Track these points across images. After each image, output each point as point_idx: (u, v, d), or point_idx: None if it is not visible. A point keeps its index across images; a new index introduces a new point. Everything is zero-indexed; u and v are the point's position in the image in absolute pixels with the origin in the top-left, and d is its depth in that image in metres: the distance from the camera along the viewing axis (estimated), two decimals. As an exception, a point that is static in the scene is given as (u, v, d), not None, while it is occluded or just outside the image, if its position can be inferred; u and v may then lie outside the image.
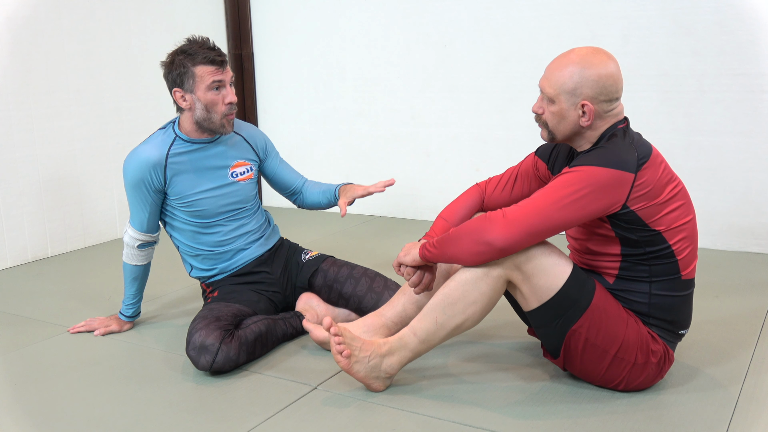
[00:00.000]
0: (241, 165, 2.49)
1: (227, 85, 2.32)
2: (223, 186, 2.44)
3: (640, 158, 1.83)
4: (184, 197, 2.39)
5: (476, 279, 1.89)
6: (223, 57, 2.32)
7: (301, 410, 1.96)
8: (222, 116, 2.32)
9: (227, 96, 2.31)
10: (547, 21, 3.64)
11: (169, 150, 2.36)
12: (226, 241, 2.47)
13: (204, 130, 2.37)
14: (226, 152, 2.46)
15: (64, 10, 3.59)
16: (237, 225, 2.48)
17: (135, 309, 2.54)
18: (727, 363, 2.16)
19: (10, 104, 3.40)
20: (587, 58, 1.86)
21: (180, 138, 2.38)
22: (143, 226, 2.42)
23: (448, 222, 2.17)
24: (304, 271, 2.55)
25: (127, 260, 2.47)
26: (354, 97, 4.29)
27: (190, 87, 2.30)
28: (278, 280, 2.53)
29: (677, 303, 1.93)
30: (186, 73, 2.28)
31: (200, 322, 2.19)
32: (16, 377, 2.23)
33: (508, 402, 1.96)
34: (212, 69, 2.28)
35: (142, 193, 2.37)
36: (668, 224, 1.86)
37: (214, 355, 2.13)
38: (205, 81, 2.28)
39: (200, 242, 2.47)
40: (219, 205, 2.43)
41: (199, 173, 2.40)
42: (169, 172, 2.36)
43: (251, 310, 2.38)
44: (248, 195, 2.51)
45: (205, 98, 2.29)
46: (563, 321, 1.88)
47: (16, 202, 3.46)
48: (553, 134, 1.95)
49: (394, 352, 1.98)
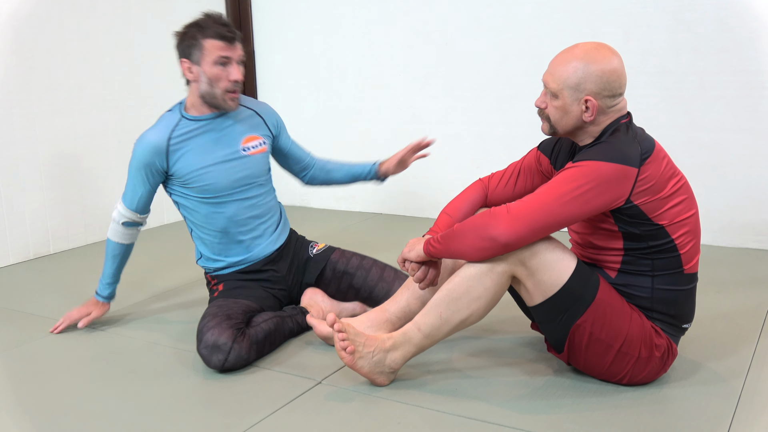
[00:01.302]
0: (253, 139, 2.46)
1: (234, 63, 2.31)
2: (233, 159, 2.40)
3: (643, 153, 1.83)
4: (191, 173, 2.36)
5: (481, 274, 1.90)
6: (233, 33, 2.30)
7: (306, 405, 1.96)
8: (224, 92, 2.31)
9: (232, 73, 2.30)
10: (547, 19, 3.65)
11: (171, 133, 2.35)
12: (239, 218, 2.43)
13: (208, 105, 2.36)
14: (236, 126, 2.43)
15: (65, 8, 3.59)
16: (249, 203, 2.45)
17: (111, 290, 2.53)
18: (730, 357, 2.17)
19: (12, 101, 3.41)
20: (591, 53, 1.87)
21: (185, 118, 2.37)
22: (133, 203, 2.41)
23: (451, 217, 2.17)
24: (313, 267, 2.55)
25: (110, 236, 2.46)
26: (354, 95, 4.29)
27: (197, 59, 2.29)
28: (284, 278, 2.53)
29: (680, 297, 1.94)
30: (195, 44, 2.28)
31: (211, 320, 2.19)
32: (20, 373, 2.23)
33: (512, 396, 1.97)
34: (221, 44, 2.27)
35: (144, 176, 2.37)
36: (671, 218, 1.87)
37: (226, 354, 2.13)
38: (212, 55, 2.27)
39: (212, 224, 2.43)
40: (229, 178, 2.39)
41: (206, 148, 2.37)
42: (171, 153, 2.35)
43: (258, 306, 2.38)
44: (261, 169, 2.48)
45: (210, 72, 2.28)
46: (567, 316, 1.89)
47: (18, 198, 3.46)
48: (555, 128, 1.95)
49: (398, 347, 1.99)
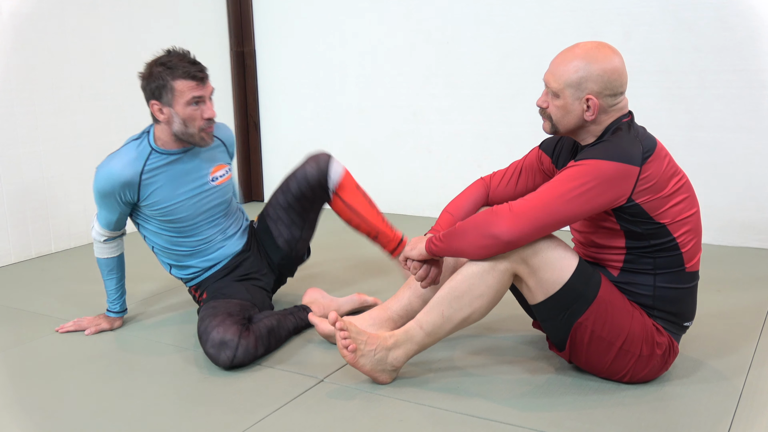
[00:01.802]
0: (219, 168, 2.46)
1: (207, 100, 2.27)
2: (203, 192, 2.41)
3: (645, 151, 1.84)
4: (161, 207, 2.35)
5: (483, 272, 1.90)
6: (203, 73, 2.26)
7: (308, 402, 1.97)
8: (200, 130, 2.28)
9: (206, 111, 2.26)
10: (548, 18, 3.65)
11: (144, 166, 2.30)
12: (204, 240, 2.46)
13: (182, 142, 2.33)
14: (204, 158, 2.42)
15: (67, 7, 3.59)
16: (215, 226, 2.47)
17: (120, 304, 2.52)
18: (731, 355, 2.17)
19: (14, 100, 3.41)
20: (592, 52, 1.87)
21: (156, 151, 2.32)
22: (110, 225, 2.39)
23: (453, 216, 2.18)
24: (264, 236, 2.57)
25: (98, 255, 2.45)
26: (356, 94, 4.30)
27: (168, 101, 2.24)
28: (262, 261, 2.55)
29: (682, 295, 1.94)
30: (165, 86, 2.22)
31: (213, 320, 2.19)
32: (22, 371, 2.23)
33: (513, 394, 1.97)
34: (192, 84, 2.23)
35: (111, 204, 2.33)
36: (673, 217, 1.87)
37: (234, 350, 2.13)
38: (185, 96, 2.22)
39: (177, 244, 2.45)
40: (198, 210, 2.41)
41: (177, 182, 2.35)
42: (144, 188, 2.31)
43: (251, 303, 2.37)
44: (227, 196, 2.50)
45: (183, 113, 2.24)
46: (569, 314, 1.90)
47: (19, 197, 3.46)
48: (557, 127, 1.96)
49: (400, 345, 1.99)
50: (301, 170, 2.50)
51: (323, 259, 3.32)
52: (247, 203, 4.76)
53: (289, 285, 2.91)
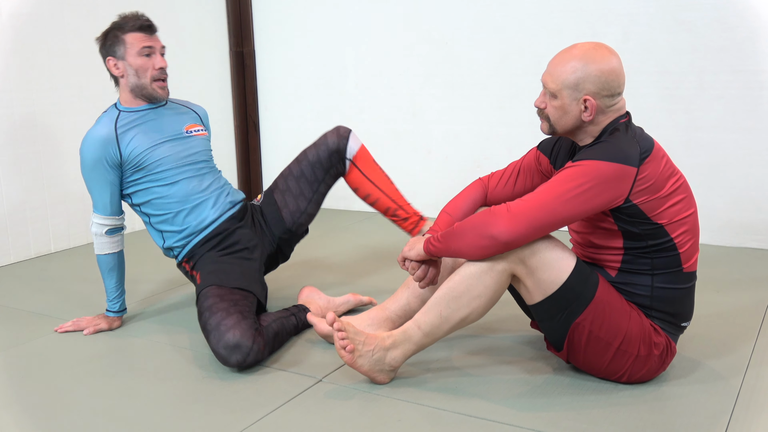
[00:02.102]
0: (194, 126, 2.57)
1: (157, 53, 2.41)
2: (179, 138, 2.50)
3: (642, 152, 1.84)
4: (142, 153, 2.42)
5: (481, 273, 1.91)
6: (151, 24, 2.41)
7: (306, 402, 1.97)
8: (152, 80, 2.41)
9: (157, 62, 2.40)
10: (547, 18, 3.66)
11: (116, 123, 2.43)
12: (190, 193, 2.48)
13: (140, 97, 2.45)
14: (175, 116, 2.55)
15: (66, 8, 3.60)
16: (198, 178, 2.51)
17: (120, 303, 2.53)
18: (729, 355, 2.18)
19: (14, 101, 3.41)
20: (589, 53, 1.88)
21: (124, 111, 2.46)
22: (107, 209, 2.44)
23: (451, 216, 2.18)
24: (267, 210, 2.61)
25: (99, 251, 2.47)
26: (355, 94, 4.30)
27: (121, 54, 2.39)
28: (253, 234, 2.55)
29: (679, 295, 1.95)
30: (117, 41, 2.39)
31: (227, 319, 2.15)
32: (21, 371, 2.24)
33: (511, 394, 1.98)
34: (141, 35, 2.38)
35: (102, 172, 2.40)
36: (670, 218, 1.88)
37: (246, 354, 2.12)
38: (135, 47, 2.38)
39: (168, 199, 2.47)
40: (177, 153, 2.47)
41: (152, 130, 2.46)
42: (122, 140, 2.42)
43: (249, 288, 2.34)
44: (205, 148, 2.58)
45: (135, 63, 2.39)
46: (567, 314, 1.90)
47: (19, 198, 3.47)
48: (555, 128, 1.96)
49: (398, 346, 2.00)
50: (322, 139, 2.61)
51: (327, 254, 3.33)
52: (247, 203, 4.76)
53: (286, 284, 2.92)
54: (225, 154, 4.60)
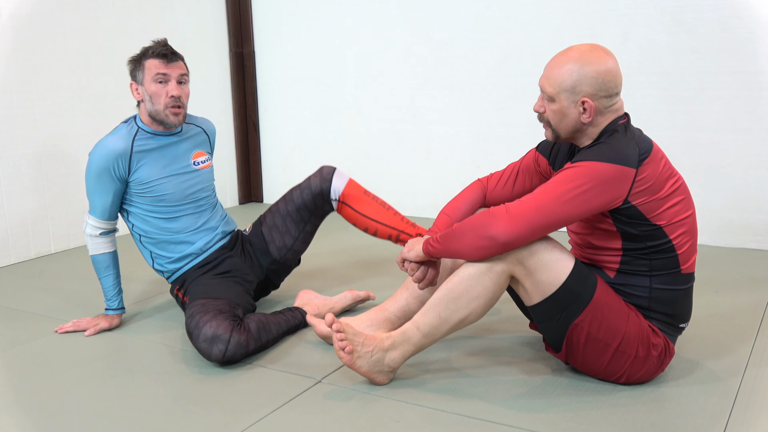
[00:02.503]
0: (201, 155, 2.59)
1: (172, 80, 2.42)
2: (186, 173, 2.53)
3: (641, 153, 1.85)
4: (148, 183, 2.46)
5: (479, 274, 1.91)
6: (169, 50, 2.43)
7: (306, 403, 1.98)
8: (165, 107, 2.42)
9: (170, 90, 2.41)
10: (547, 19, 3.66)
11: (134, 140, 2.45)
12: (187, 228, 2.52)
13: (156, 123, 2.47)
14: (187, 142, 2.56)
15: (66, 9, 3.60)
16: (198, 213, 2.55)
17: (118, 301, 2.56)
18: (727, 356, 2.18)
19: (14, 102, 3.42)
20: (585, 55, 1.88)
21: (142, 129, 2.47)
22: (105, 214, 2.47)
23: (450, 217, 2.19)
24: (255, 240, 2.63)
25: (93, 252, 2.50)
26: (355, 95, 4.31)
27: (140, 79, 2.44)
28: (243, 264, 2.58)
29: (677, 297, 1.95)
30: (139, 66, 2.44)
31: (204, 316, 2.21)
32: (22, 371, 2.24)
33: (510, 395, 1.98)
34: (158, 62, 2.41)
35: (106, 182, 2.43)
36: (669, 219, 1.88)
37: (226, 343, 2.15)
38: (151, 72, 2.41)
39: (162, 228, 2.51)
40: (182, 191, 2.51)
41: (162, 161, 2.48)
42: (134, 161, 2.44)
43: (235, 302, 2.37)
44: (209, 182, 2.62)
45: (149, 89, 2.42)
46: (565, 315, 1.90)
47: (19, 199, 3.47)
48: (557, 132, 1.96)
49: (397, 347, 2.00)
50: (306, 182, 2.61)
51: (322, 259, 3.33)
52: (246, 204, 4.77)
53: (284, 287, 2.92)
54: (225, 154, 4.61)
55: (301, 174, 4.34)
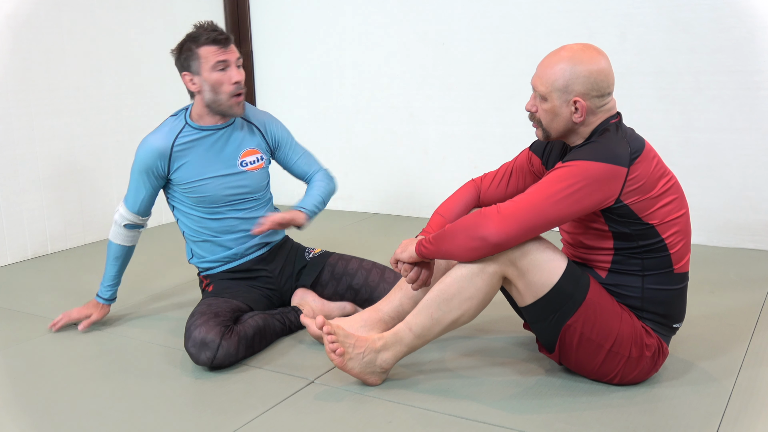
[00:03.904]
0: (251, 153, 2.48)
1: (232, 65, 2.32)
2: (231, 174, 2.44)
3: (632, 152, 1.84)
4: (188, 183, 2.40)
5: (472, 275, 1.90)
6: (225, 36, 2.32)
7: (298, 404, 1.97)
8: (229, 96, 2.33)
9: (233, 76, 2.31)
10: (544, 19, 3.65)
11: (176, 139, 2.38)
12: (231, 228, 2.47)
13: (215, 113, 2.38)
14: (236, 140, 2.46)
15: (64, 8, 3.60)
16: (244, 216, 2.48)
17: (113, 292, 2.55)
18: (722, 357, 2.17)
19: (11, 101, 3.42)
20: (578, 54, 1.87)
21: (189, 125, 2.40)
22: (135, 206, 2.44)
23: (444, 218, 2.18)
24: (310, 269, 2.54)
25: (112, 238, 2.49)
26: (352, 95, 4.30)
27: (196, 69, 2.32)
28: (276, 279, 2.54)
29: (670, 296, 1.94)
30: (191, 55, 2.31)
31: (199, 318, 2.20)
32: (15, 371, 2.24)
33: (503, 396, 1.97)
34: (215, 49, 2.30)
35: (146, 178, 2.40)
36: (661, 218, 1.87)
37: (214, 351, 2.14)
38: (210, 61, 2.29)
39: (204, 227, 2.47)
40: (225, 192, 2.43)
41: (207, 160, 2.40)
42: (174, 160, 2.38)
43: (248, 306, 2.39)
44: (258, 185, 2.51)
45: (210, 79, 2.30)
46: (558, 316, 1.90)
47: (16, 199, 3.47)
48: (548, 132, 1.96)
49: (389, 347, 1.99)
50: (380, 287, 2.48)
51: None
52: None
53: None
54: (223, 154, 4.60)
55: (298, 174, 4.33)
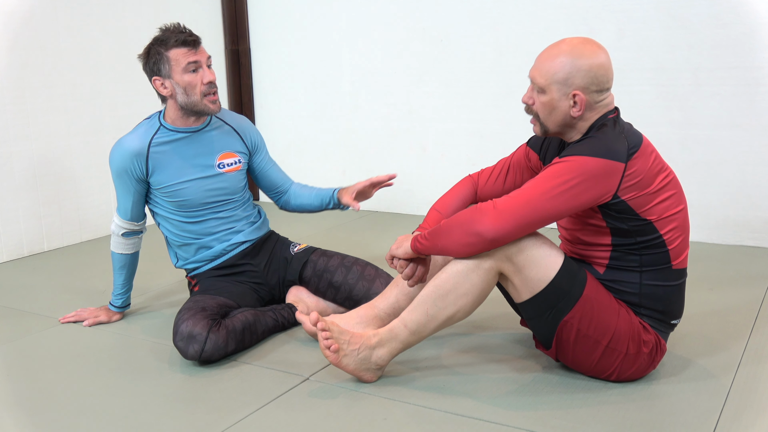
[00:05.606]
0: (228, 156, 2.47)
1: (204, 65, 2.32)
2: (208, 177, 2.43)
3: (630, 148, 1.82)
4: (167, 186, 2.39)
5: (467, 271, 1.89)
6: (194, 37, 2.31)
7: (293, 400, 1.96)
8: (203, 96, 2.32)
9: (205, 76, 2.30)
10: (542, 15, 3.64)
11: (151, 140, 2.37)
12: (212, 229, 2.47)
13: (190, 115, 2.37)
14: (213, 142, 2.45)
15: (60, 7, 3.59)
16: (224, 216, 2.48)
17: (124, 299, 2.55)
18: (720, 354, 2.16)
19: (7, 99, 3.40)
20: (578, 48, 1.86)
21: (164, 127, 2.39)
22: (127, 214, 2.43)
23: (441, 213, 2.16)
24: (294, 264, 2.53)
25: (114, 249, 2.49)
26: (350, 93, 4.29)
27: (167, 72, 2.30)
28: (262, 273, 2.52)
29: (668, 293, 1.92)
30: (161, 59, 2.29)
31: (186, 313, 2.20)
32: (10, 368, 2.23)
33: (500, 392, 1.96)
34: (185, 50, 2.28)
35: (126, 182, 2.39)
36: (659, 214, 1.86)
37: (202, 344, 2.13)
38: (181, 63, 2.28)
39: (186, 230, 2.47)
40: (204, 195, 2.42)
41: (183, 162, 2.39)
42: (151, 161, 2.36)
43: (236, 303, 2.37)
44: (236, 186, 2.49)
45: (182, 81, 2.29)
46: (555, 312, 1.88)
47: (12, 196, 3.46)
48: (545, 127, 1.94)
49: (384, 344, 1.98)
50: (359, 285, 2.44)
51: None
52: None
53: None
54: (220, 152, 4.59)
55: (297, 171, 4.30)
